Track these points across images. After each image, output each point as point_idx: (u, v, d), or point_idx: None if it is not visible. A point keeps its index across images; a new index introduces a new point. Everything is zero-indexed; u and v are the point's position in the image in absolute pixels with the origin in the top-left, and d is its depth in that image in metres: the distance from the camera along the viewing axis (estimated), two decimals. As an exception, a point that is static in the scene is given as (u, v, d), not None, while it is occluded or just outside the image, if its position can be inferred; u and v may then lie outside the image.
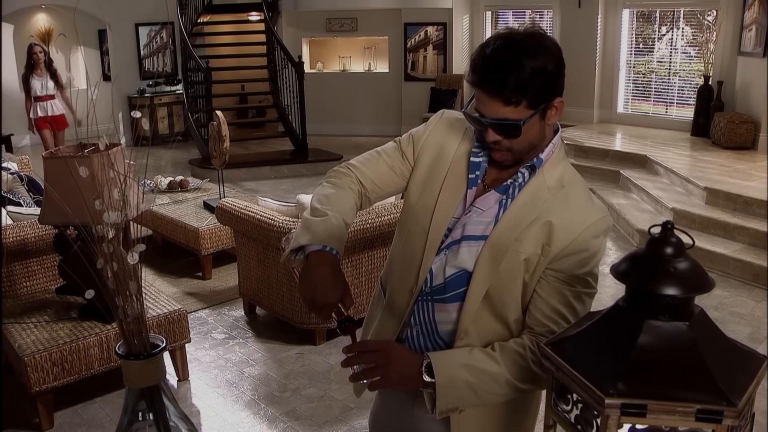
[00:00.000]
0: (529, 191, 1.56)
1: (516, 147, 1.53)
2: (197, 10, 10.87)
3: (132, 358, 1.41)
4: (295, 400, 3.67)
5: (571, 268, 1.52)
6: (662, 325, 1.03)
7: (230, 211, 4.45)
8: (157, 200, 6.08)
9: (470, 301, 1.59)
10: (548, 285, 1.54)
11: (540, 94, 1.46)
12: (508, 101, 1.46)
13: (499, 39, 1.47)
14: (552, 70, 1.47)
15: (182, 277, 5.44)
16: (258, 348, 4.27)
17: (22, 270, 4.28)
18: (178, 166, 9.69)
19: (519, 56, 1.43)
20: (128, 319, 1.35)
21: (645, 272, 1.04)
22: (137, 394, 1.45)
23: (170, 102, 11.61)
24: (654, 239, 1.06)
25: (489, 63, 1.45)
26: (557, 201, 1.54)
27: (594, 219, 1.53)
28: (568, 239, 1.51)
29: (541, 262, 1.53)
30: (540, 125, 1.52)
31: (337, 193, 1.69)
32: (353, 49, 11.74)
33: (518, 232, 1.53)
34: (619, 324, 1.07)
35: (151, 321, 3.63)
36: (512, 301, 1.57)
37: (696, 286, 1.03)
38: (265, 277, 4.38)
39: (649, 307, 1.04)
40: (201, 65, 9.17)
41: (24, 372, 3.34)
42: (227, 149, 5.60)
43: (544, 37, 1.50)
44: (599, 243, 1.54)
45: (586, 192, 1.60)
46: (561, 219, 1.52)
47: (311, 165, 9.21)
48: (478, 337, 1.60)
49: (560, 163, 1.59)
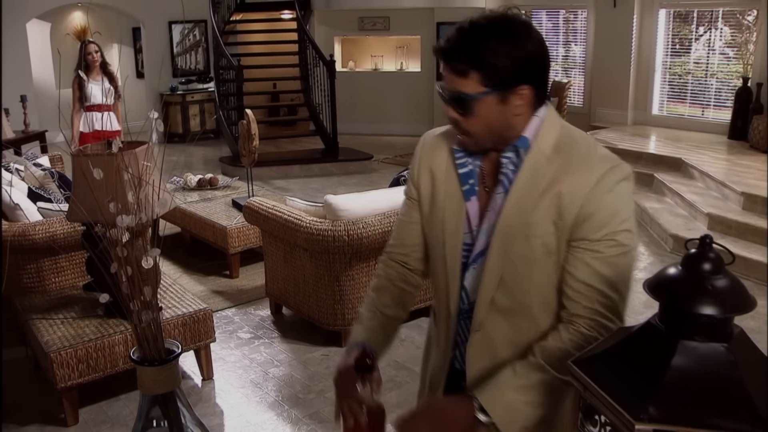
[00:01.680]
0: (526, 169, 1.47)
1: (474, 130, 1.48)
2: (230, 8, 10.91)
3: (146, 364, 1.38)
4: (319, 403, 3.64)
5: (592, 232, 1.41)
6: (698, 346, 0.96)
7: (258, 211, 4.43)
8: (186, 198, 6.10)
9: (483, 291, 1.53)
10: (573, 258, 1.44)
11: (497, 73, 1.40)
12: (457, 70, 1.43)
13: (473, 18, 1.45)
14: (518, 54, 1.40)
15: (209, 275, 5.44)
16: (283, 348, 4.24)
17: (51, 266, 4.31)
18: (209, 164, 9.74)
19: (478, 30, 1.41)
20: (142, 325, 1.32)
21: (680, 290, 0.98)
22: (152, 400, 1.42)
23: (202, 99, 11.67)
24: (691, 254, 1.00)
25: (450, 33, 1.44)
26: (558, 167, 1.45)
27: (600, 173, 1.42)
28: (577, 204, 1.41)
29: (561, 239, 1.44)
30: (500, 110, 1.44)
31: (377, 286, 1.76)
32: (385, 49, 11.69)
33: (526, 215, 1.46)
34: (651, 343, 1.01)
35: (175, 320, 3.63)
36: (534, 289, 1.50)
37: (736, 306, 0.96)
38: (291, 278, 4.35)
39: (684, 326, 0.97)
40: (232, 63, 9.19)
41: (50, 368, 3.36)
42: (256, 148, 5.59)
43: (518, 22, 1.44)
44: (617, 195, 1.42)
45: (587, 147, 1.48)
46: (565, 185, 1.42)
47: (342, 164, 9.19)
48: (496, 330, 1.55)
49: (554, 127, 1.49)
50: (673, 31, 9.15)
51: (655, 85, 9.30)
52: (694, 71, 9.03)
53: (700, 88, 8.97)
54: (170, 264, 5.71)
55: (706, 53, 8.93)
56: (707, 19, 8.84)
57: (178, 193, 6.24)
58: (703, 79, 8.93)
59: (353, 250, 3.95)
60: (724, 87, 8.71)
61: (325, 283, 4.08)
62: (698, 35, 9.03)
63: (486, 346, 1.58)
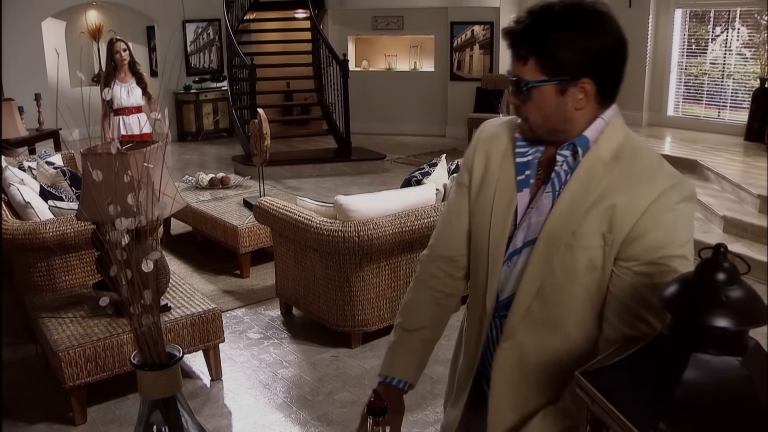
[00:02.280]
0: (581, 172, 1.39)
1: (531, 117, 1.42)
2: (243, 7, 10.92)
3: (147, 369, 1.36)
4: (328, 405, 3.61)
5: (644, 253, 1.31)
6: (711, 359, 0.93)
7: (268, 210, 4.41)
8: (198, 197, 6.09)
9: (520, 297, 1.45)
10: (620, 281, 1.34)
11: (558, 63, 1.34)
12: (518, 55, 1.39)
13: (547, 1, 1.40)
14: (585, 45, 1.34)
15: (220, 274, 5.43)
16: (293, 349, 4.22)
17: (61, 264, 4.31)
18: (222, 163, 9.75)
19: (548, 15, 1.36)
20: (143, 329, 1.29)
21: (693, 300, 0.94)
22: (152, 404, 1.40)
23: (216, 98, 11.69)
24: (704, 263, 0.96)
25: (520, 15, 1.40)
26: (615, 177, 1.36)
27: (662, 188, 1.31)
28: (632, 219, 1.31)
29: (608, 255, 1.35)
30: (558, 101, 1.38)
31: (413, 299, 1.71)
32: (399, 48, 11.66)
33: (574, 223, 1.37)
34: (662, 355, 0.97)
35: (184, 320, 3.61)
36: (573, 305, 1.41)
37: (751, 318, 0.92)
38: (301, 278, 4.33)
39: (696, 338, 0.94)
40: (245, 62, 9.19)
41: (58, 367, 3.35)
42: (268, 147, 5.57)
43: (593, 11, 1.37)
44: (678, 216, 1.32)
45: (652, 160, 1.38)
46: (621, 197, 1.33)
47: (354, 164, 9.16)
48: (528, 341, 1.47)
49: (618, 133, 1.41)
50: (689, 31, 9.07)
51: (671, 85, 9.22)
52: (711, 72, 8.94)
53: (716, 89, 8.88)
54: (181, 263, 5.71)
55: (722, 53, 8.83)
56: (724, 19, 8.75)
57: (190, 192, 6.24)
58: (720, 79, 8.83)
59: (363, 251, 3.92)
60: (740, 88, 8.62)
61: (335, 284, 4.06)
62: (715, 35, 8.93)
63: (516, 357, 1.50)
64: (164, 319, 3.58)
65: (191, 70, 11.82)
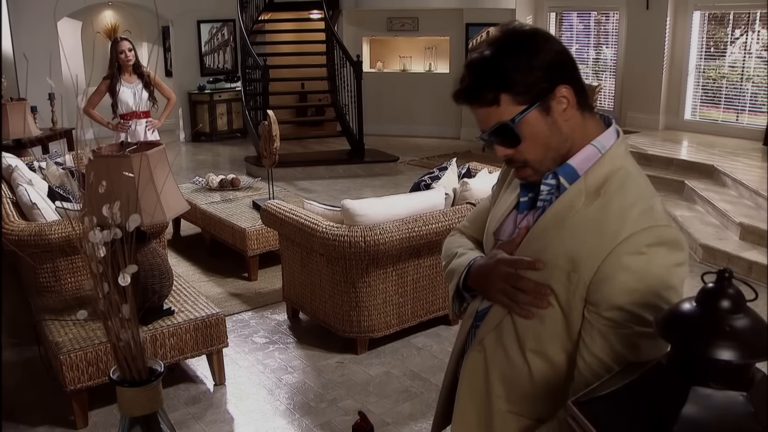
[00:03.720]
0: (562, 202, 1.32)
1: (529, 157, 1.35)
2: (258, 8, 10.89)
3: (126, 385, 1.30)
4: (331, 412, 3.55)
5: (612, 298, 1.22)
6: (713, 394, 0.86)
7: (275, 214, 4.36)
8: (208, 198, 6.06)
9: (493, 314, 1.43)
10: (589, 326, 1.27)
11: (529, 85, 1.28)
12: (487, 102, 1.32)
13: (477, 50, 1.36)
14: (541, 58, 1.29)
15: (228, 277, 5.39)
16: (298, 355, 4.17)
17: (67, 266, 4.28)
18: (235, 163, 9.73)
19: (489, 56, 1.31)
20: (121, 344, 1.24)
21: (694, 330, 0.87)
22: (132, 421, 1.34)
23: (230, 99, 11.67)
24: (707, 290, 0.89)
25: (462, 73, 1.35)
26: (590, 213, 1.28)
27: (632, 230, 1.22)
28: (596, 261, 1.24)
29: (573, 295, 1.27)
30: (548, 123, 1.31)
31: (451, 240, 1.69)
32: (414, 49, 11.59)
33: (542, 253, 1.31)
34: (660, 388, 0.90)
35: (187, 324, 3.57)
36: (532, 329, 1.35)
37: (757, 351, 0.85)
38: (308, 283, 4.28)
39: (697, 371, 0.87)
40: (258, 63, 9.16)
41: (60, 370, 3.32)
42: (277, 149, 5.52)
43: (524, 31, 1.33)
44: (649, 261, 1.22)
45: (634, 199, 1.27)
46: (589, 236, 1.26)
47: (367, 166, 9.11)
48: (495, 352, 1.42)
49: (609, 167, 1.32)
50: (707, 34, 8.93)
51: (688, 89, 9.08)
52: (729, 75, 8.79)
53: (734, 93, 8.73)
54: (189, 264, 5.68)
55: (742, 56, 8.69)
56: (744, 22, 8.61)
57: (199, 194, 6.22)
58: (739, 83, 8.69)
59: (370, 257, 3.86)
60: (760, 91, 8.46)
61: (342, 290, 4.00)
62: (734, 38, 8.79)
63: (482, 365, 1.47)
64: (167, 323, 3.54)
65: (205, 70, 11.82)
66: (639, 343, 1.23)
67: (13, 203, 4.56)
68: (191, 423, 3.48)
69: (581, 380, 1.28)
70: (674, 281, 1.24)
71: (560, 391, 1.34)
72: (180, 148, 10.96)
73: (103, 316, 1.23)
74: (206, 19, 11.65)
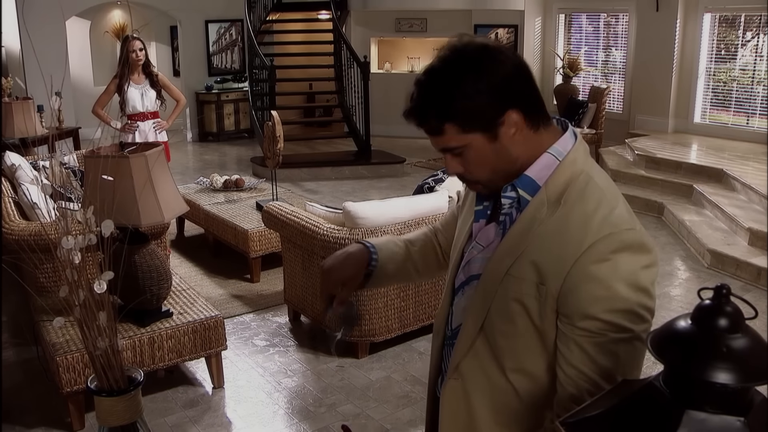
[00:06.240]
0: (526, 215, 1.29)
1: (478, 176, 1.33)
2: (266, 8, 10.87)
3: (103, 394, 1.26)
4: (330, 417, 3.51)
5: (582, 308, 1.20)
6: (709, 418, 0.80)
7: (276, 216, 4.32)
8: (211, 199, 6.03)
9: (465, 331, 1.39)
10: (565, 337, 1.25)
11: (473, 115, 1.24)
12: (433, 131, 1.29)
13: (428, 65, 1.31)
14: (489, 81, 1.23)
15: (230, 278, 5.35)
16: (298, 358, 4.12)
17: (67, 266, 4.25)
18: (242, 164, 9.71)
19: (436, 76, 1.27)
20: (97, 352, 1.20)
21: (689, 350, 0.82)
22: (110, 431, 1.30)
23: (237, 99, 11.65)
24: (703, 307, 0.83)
25: (411, 90, 1.31)
26: (553, 223, 1.25)
27: (594, 238, 1.20)
28: (562, 272, 1.21)
29: (544, 306, 1.25)
30: (494, 148, 1.28)
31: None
32: (422, 50, 11.53)
33: (510, 266, 1.28)
34: (652, 410, 0.85)
35: (185, 326, 3.53)
36: (508, 347, 1.32)
37: (755, 374, 0.79)
38: (309, 285, 4.24)
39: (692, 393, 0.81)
40: (265, 63, 9.13)
41: (56, 372, 3.29)
42: (281, 150, 5.48)
43: (476, 48, 1.27)
44: (614, 267, 1.19)
45: (596, 206, 1.25)
46: (553, 247, 1.23)
47: (373, 167, 9.06)
48: (473, 378, 1.38)
49: (568, 173, 1.29)
50: (718, 36, 8.83)
51: (698, 92, 8.98)
52: (740, 78, 8.70)
53: (745, 96, 8.64)
54: (192, 265, 5.65)
55: (753, 59, 8.60)
56: (755, 24, 8.52)
57: (203, 194, 6.19)
58: (749, 86, 8.60)
59: (371, 260, 3.80)
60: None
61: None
62: (745, 41, 8.70)
63: (461, 393, 1.42)
64: (165, 326, 3.51)
65: (213, 70, 11.81)
66: (617, 350, 1.21)
67: (15, 203, 4.53)
68: (188, 426, 3.44)
69: (563, 392, 1.26)
70: (644, 283, 1.22)
71: (548, 403, 1.32)
72: (187, 148, 10.94)
73: (78, 323, 1.19)
74: (214, 19, 11.64)
